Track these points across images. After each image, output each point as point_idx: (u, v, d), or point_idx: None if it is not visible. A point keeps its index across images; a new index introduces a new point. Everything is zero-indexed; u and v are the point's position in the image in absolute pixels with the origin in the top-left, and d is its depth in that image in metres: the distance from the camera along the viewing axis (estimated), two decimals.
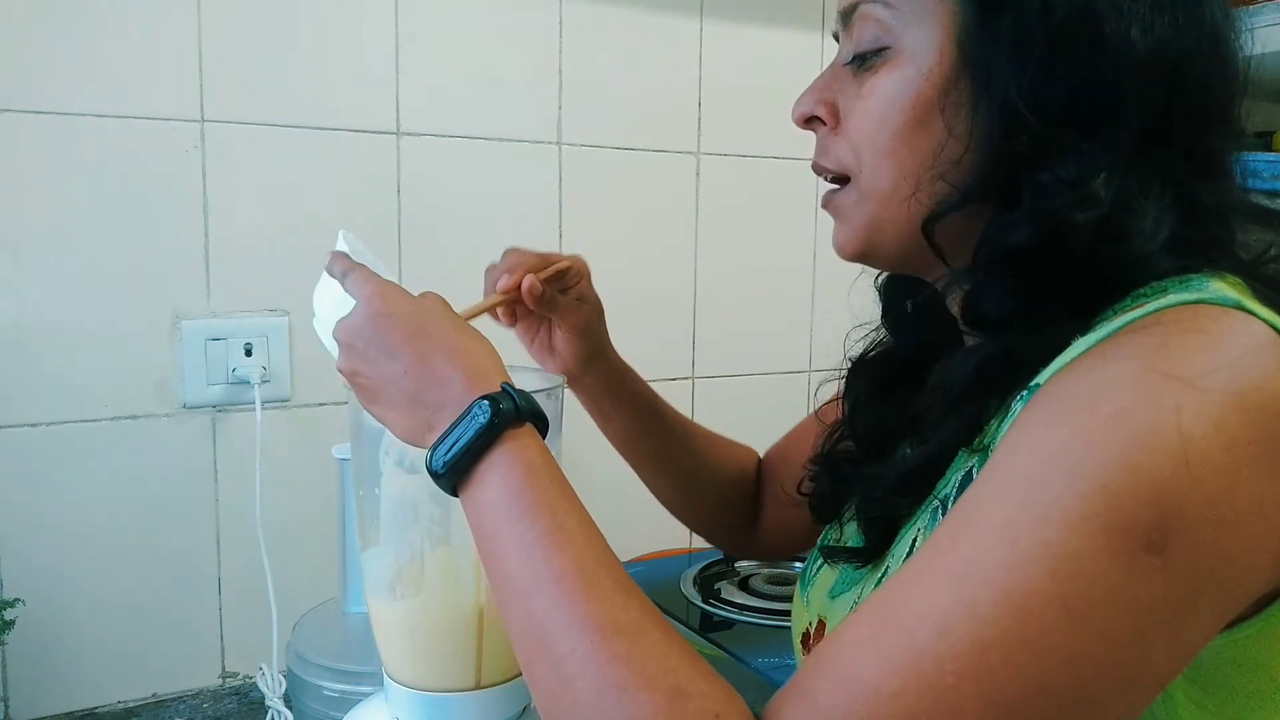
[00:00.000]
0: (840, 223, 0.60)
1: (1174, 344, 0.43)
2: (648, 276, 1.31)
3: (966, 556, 0.41)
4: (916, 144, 0.54)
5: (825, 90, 0.59)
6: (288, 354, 1.10)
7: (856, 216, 0.58)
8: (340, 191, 1.13)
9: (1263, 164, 1.67)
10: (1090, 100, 0.49)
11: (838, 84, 0.58)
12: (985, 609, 0.39)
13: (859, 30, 0.56)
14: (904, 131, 0.54)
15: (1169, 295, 0.46)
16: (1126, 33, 0.49)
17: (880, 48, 0.55)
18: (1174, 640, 0.41)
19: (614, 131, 1.28)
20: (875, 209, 0.57)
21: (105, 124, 1.00)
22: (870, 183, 0.56)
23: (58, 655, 1.02)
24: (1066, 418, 0.42)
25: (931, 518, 0.54)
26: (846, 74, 0.58)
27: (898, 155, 0.54)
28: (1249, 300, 0.45)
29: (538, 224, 1.25)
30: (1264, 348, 0.43)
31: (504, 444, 0.53)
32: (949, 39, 0.52)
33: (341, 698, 0.84)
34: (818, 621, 0.65)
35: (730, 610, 1.13)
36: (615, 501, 1.34)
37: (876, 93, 0.55)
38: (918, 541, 0.54)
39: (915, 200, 0.54)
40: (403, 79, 1.15)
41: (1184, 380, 0.41)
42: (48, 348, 1.00)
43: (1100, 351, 0.44)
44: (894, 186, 0.55)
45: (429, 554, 0.65)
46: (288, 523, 1.09)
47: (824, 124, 0.59)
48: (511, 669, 0.68)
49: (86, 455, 1.02)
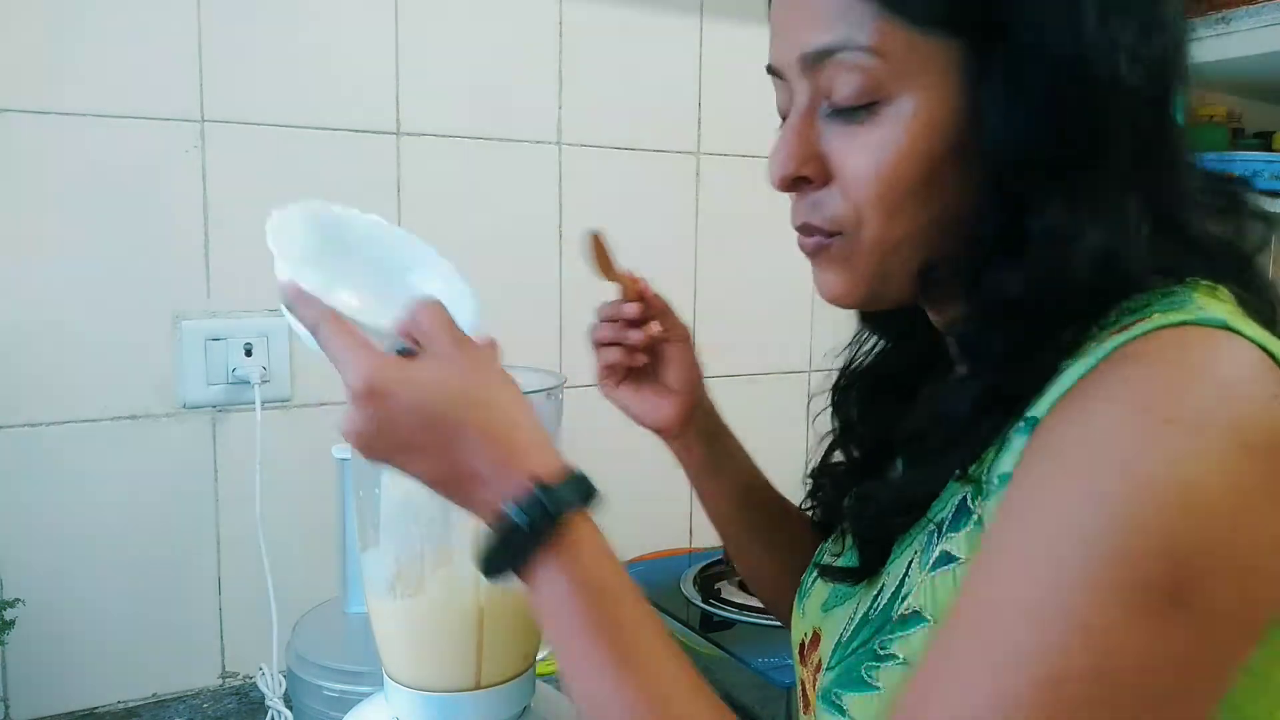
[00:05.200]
0: (836, 272, 0.56)
1: (1166, 380, 0.43)
2: (648, 277, 1.31)
3: (997, 643, 0.41)
4: (926, 197, 0.52)
5: (806, 145, 0.54)
6: (288, 354, 1.10)
7: (861, 267, 0.55)
8: (340, 191, 1.12)
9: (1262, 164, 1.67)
10: (1088, 138, 0.49)
11: (816, 136, 0.54)
12: (1026, 696, 0.39)
13: (835, 79, 0.52)
14: (915, 186, 0.52)
15: (1154, 314, 0.45)
16: (1117, 68, 0.49)
17: (870, 101, 0.52)
18: (1215, 683, 0.41)
19: (614, 131, 1.28)
20: (882, 261, 0.54)
21: (105, 124, 1.00)
22: (876, 236, 0.53)
23: (58, 655, 1.02)
24: (1073, 479, 0.42)
25: (927, 540, 0.53)
26: (823, 124, 0.54)
27: (906, 210, 0.52)
28: (1235, 318, 0.45)
29: (538, 224, 1.25)
30: (1256, 376, 0.42)
31: (545, 550, 0.51)
32: (951, 89, 0.51)
33: (341, 698, 0.84)
34: (813, 633, 0.65)
35: (730, 610, 1.13)
36: (615, 502, 1.34)
37: (882, 147, 0.51)
38: (913, 565, 0.53)
39: (922, 250, 0.54)
40: (403, 79, 1.15)
41: (1181, 423, 0.41)
42: (48, 348, 1.00)
43: (1094, 389, 0.44)
44: (903, 239, 0.53)
45: (429, 554, 0.65)
46: (288, 523, 1.09)
47: (810, 182, 0.55)
48: (511, 669, 0.68)
49: (86, 455, 1.02)
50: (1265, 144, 1.85)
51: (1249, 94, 1.95)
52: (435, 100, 1.17)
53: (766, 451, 0.93)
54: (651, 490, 1.38)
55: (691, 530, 1.40)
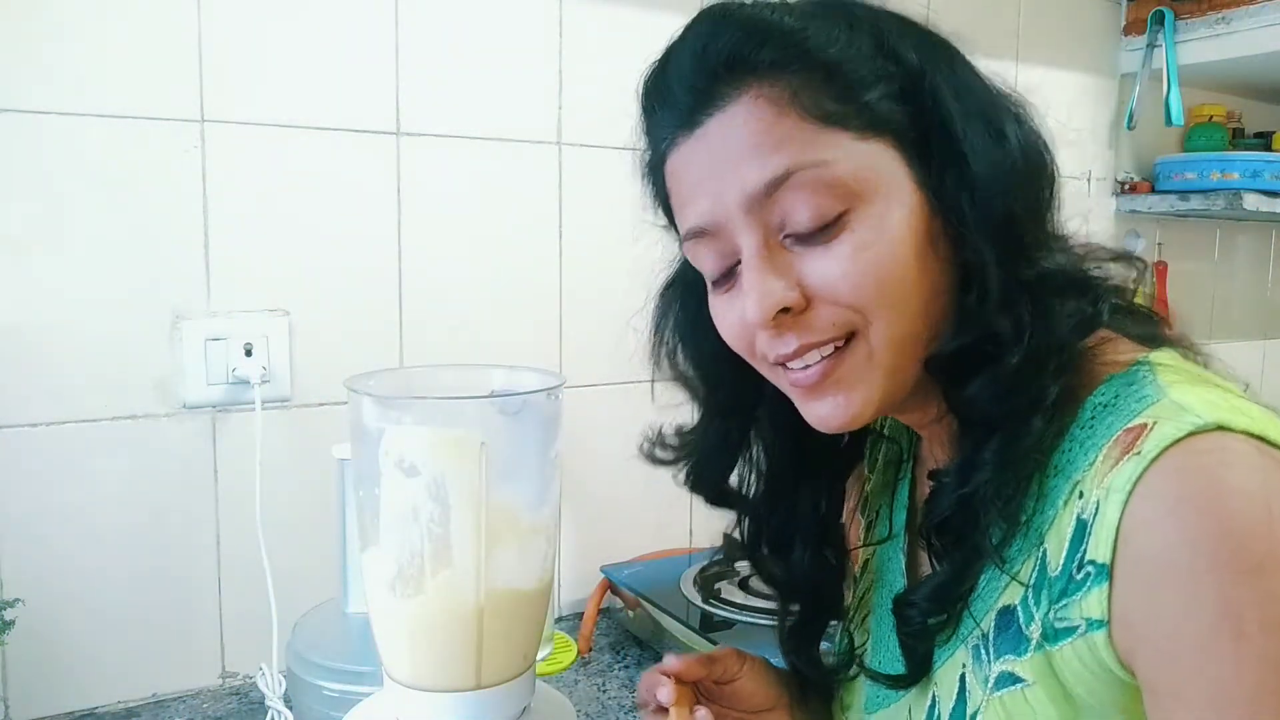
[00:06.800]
0: (849, 388, 0.56)
1: (1223, 530, 0.45)
2: (647, 277, 1.31)
3: None
4: (921, 284, 0.54)
5: (781, 276, 0.54)
6: (288, 354, 1.10)
7: (872, 376, 0.55)
8: (340, 191, 1.13)
9: (1262, 164, 1.67)
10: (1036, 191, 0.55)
11: (787, 264, 0.54)
12: None
13: (790, 207, 0.52)
14: (909, 274, 0.53)
15: (1152, 427, 0.48)
16: (1030, 133, 0.56)
17: (836, 216, 0.52)
18: None
19: (614, 131, 1.28)
20: (892, 360, 0.55)
21: (105, 124, 1.00)
22: (883, 333, 0.54)
23: (58, 655, 1.02)
24: (1217, 644, 0.45)
25: (976, 653, 0.56)
26: (788, 251, 0.54)
27: (906, 301, 0.53)
28: (1219, 410, 0.48)
29: (538, 224, 1.25)
30: (1269, 466, 0.46)
31: None
32: (907, 178, 0.54)
33: (341, 698, 0.84)
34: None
35: (730, 610, 1.13)
36: (615, 502, 1.35)
37: (867, 248, 0.52)
38: (967, 678, 0.56)
39: (924, 340, 0.55)
40: (403, 79, 1.15)
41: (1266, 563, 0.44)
42: (48, 348, 1.00)
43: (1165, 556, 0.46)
44: (908, 331, 0.54)
45: (429, 554, 0.65)
46: (288, 523, 1.09)
47: (789, 311, 0.54)
48: (511, 669, 0.68)
49: (86, 455, 1.02)
50: (1265, 144, 1.85)
51: (1249, 94, 1.95)
52: (435, 100, 1.17)
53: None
54: (651, 490, 1.38)
55: (691, 530, 1.40)
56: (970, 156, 0.53)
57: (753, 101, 0.52)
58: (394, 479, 0.64)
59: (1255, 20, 1.60)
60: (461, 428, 0.66)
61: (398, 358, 1.17)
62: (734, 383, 0.65)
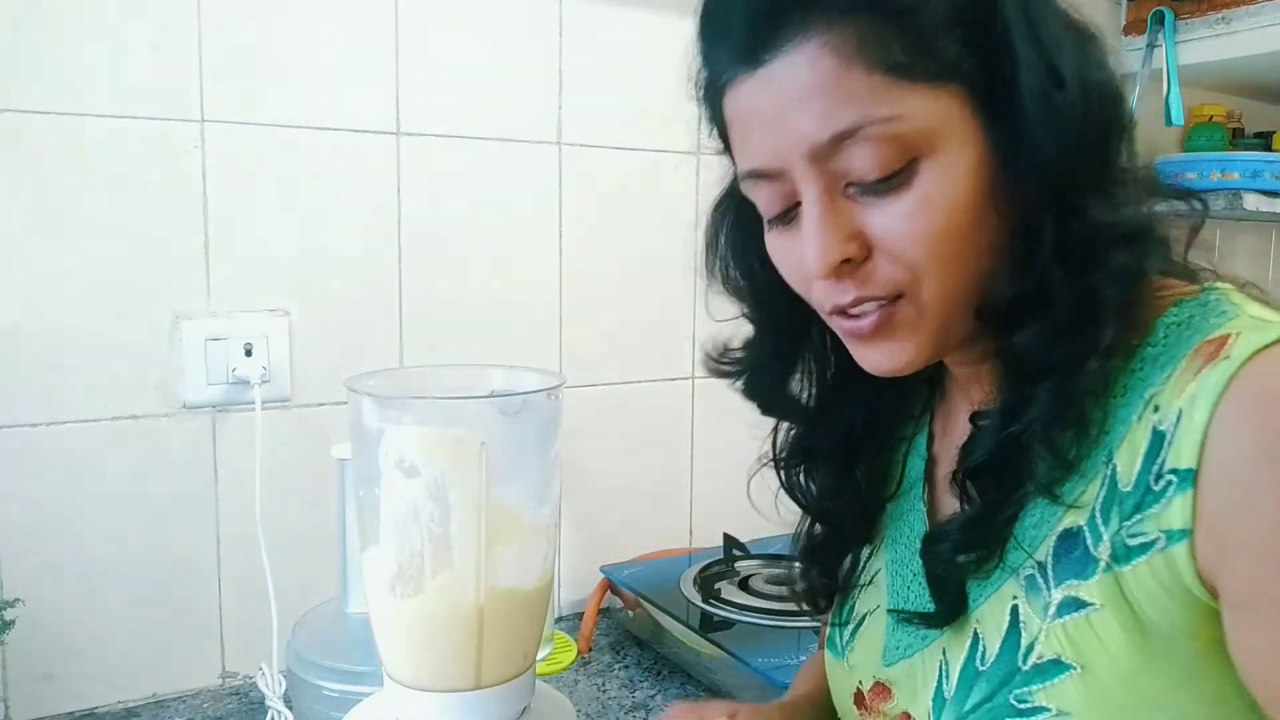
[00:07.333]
0: (899, 340, 0.56)
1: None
2: (647, 276, 1.31)
3: None
4: (976, 239, 0.53)
5: (842, 227, 0.53)
6: (288, 354, 1.10)
7: (926, 326, 0.55)
8: (340, 191, 1.13)
9: (1262, 164, 1.67)
10: (1097, 136, 0.53)
11: (849, 214, 0.54)
12: None
13: (854, 159, 0.52)
14: (966, 233, 0.53)
15: (1226, 330, 0.48)
16: (1098, 73, 0.53)
17: (899, 169, 0.52)
18: None
19: (614, 131, 1.28)
20: (946, 312, 0.55)
21: (105, 124, 1.00)
22: (939, 290, 0.54)
23: (58, 655, 1.02)
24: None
25: (1029, 583, 0.54)
26: (848, 203, 0.54)
27: (962, 257, 0.53)
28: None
29: (538, 224, 1.25)
30: None
31: None
32: (972, 129, 0.52)
33: (341, 698, 0.84)
34: (873, 683, 0.66)
35: (730, 610, 1.13)
36: (615, 502, 1.35)
37: (929, 205, 0.52)
38: (1020, 609, 0.55)
39: (978, 289, 0.55)
40: (403, 79, 1.15)
41: None
42: (48, 348, 1.00)
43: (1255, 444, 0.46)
44: (961, 285, 0.54)
45: (429, 554, 0.65)
46: (288, 523, 1.09)
47: (851, 261, 0.54)
48: (511, 669, 0.68)
49: (86, 455, 1.02)
50: (1265, 144, 1.85)
51: (1249, 94, 1.95)
52: (435, 100, 1.17)
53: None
54: (651, 490, 1.38)
55: (691, 530, 1.40)
56: (1027, 105, 0.51)
57: (819, 49, 0.50)
58: (394, 479, 0.64)
59: (1255, 20, 1.60)
60: (461, 428, 0.66)
61: (398, 358, 1.17)
62: (786, 301, 0.63)
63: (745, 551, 1.28)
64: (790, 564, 1.26)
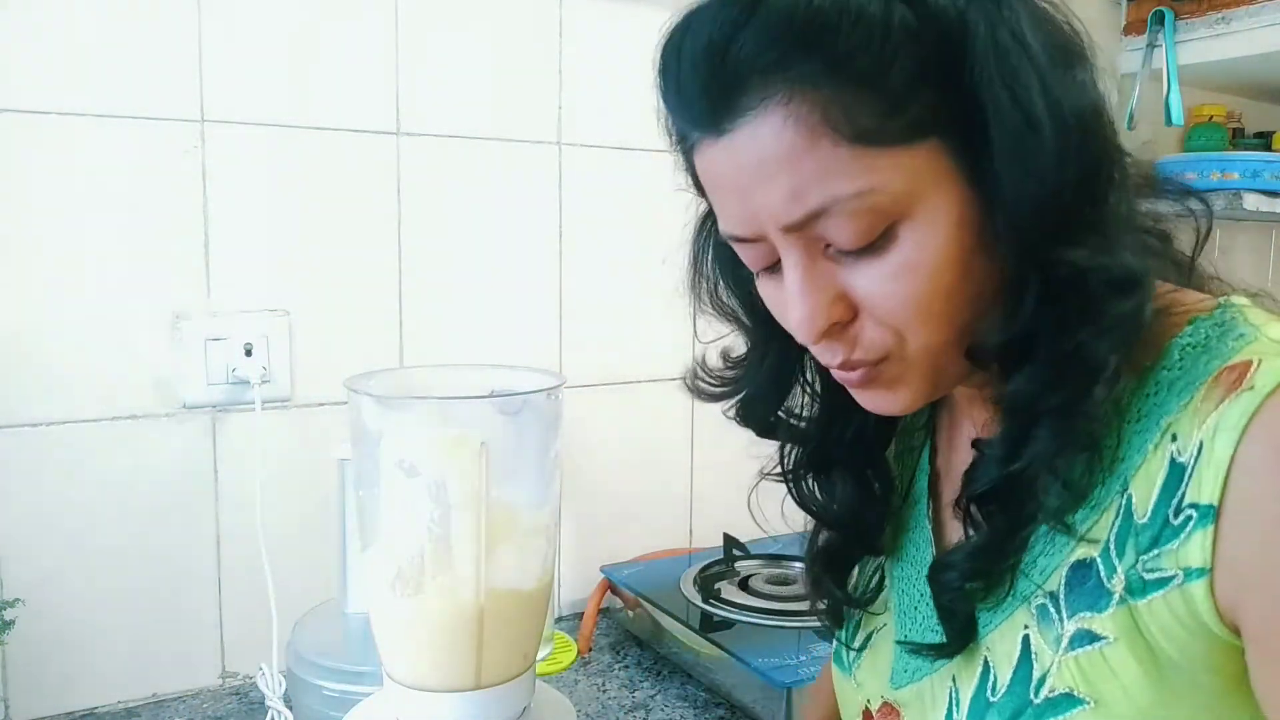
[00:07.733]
0: (890, 389, 0.55)
1: None
2: (647, 276, 1.31)
3: None
4: (965, 290, 0.51)
5: (826, 290, 0.52)
6: (288, 354, 1.10)
7: (915, 378, 0.54)
8: (340, 191, 1.13)
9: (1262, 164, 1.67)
10: (1084, 173, 0.49)
11: (831, 275, 0.52)
12: None
13: (831, 230, 0.50)
14: (954, 286, 0.51)
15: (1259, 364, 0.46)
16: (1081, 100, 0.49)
17: (889, 225, 0.49)
18: None
19: (614, 131, 1.28)
20: (934, 364, 0.54)
21: (105, 124, 1.00)
22: (924, 345, 0.52)
23: (58, 655, 1.02)
24: None
25: (1041, 613, 0.53)
26: (830, 265, 0.52)
27: (948, 313, 0.51)
28: None
29: (538, 224, 1.25)
30: None
31: None
32: (954, 182, 0.50)
33: (341, 698, 0.84)
34: (882, 703, 0.65)
35: (730, 610, 1.13)
36: (615, 502, 1.35)
37: (912, 269, 0.50)
38: (1031, 641, 0.53)
39: (967, 337, 0.53)
40: (403, 79, 1.15)
41: None
42: (48, 348, 1.00)
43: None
44: (947, 339, 0.53)
45: (429, 554, 0.65)
46: (288, 523, 1.09)
47: (838, 323, 0.53)
48: (511, 669, 0.68)
49: (86, 455, 1.02)
50: (1265, 144, 1.85)
51: (1249, 94, 1.95)
52: (435, 100, 1.17)
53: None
54: (651, 490, 1.38)
55: (691, 530, 1.40)
56: (1001, 152, 0.48)
57: (783, 121, 0.48)
58: (394, 479, 0.64)
59: (1255, 20, 1.60)
60: (461, 428, 0.66)
61: (398, 358, 1.17)
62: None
63: (745, 551, 1.28)
64: (790, 564, 1.26)
